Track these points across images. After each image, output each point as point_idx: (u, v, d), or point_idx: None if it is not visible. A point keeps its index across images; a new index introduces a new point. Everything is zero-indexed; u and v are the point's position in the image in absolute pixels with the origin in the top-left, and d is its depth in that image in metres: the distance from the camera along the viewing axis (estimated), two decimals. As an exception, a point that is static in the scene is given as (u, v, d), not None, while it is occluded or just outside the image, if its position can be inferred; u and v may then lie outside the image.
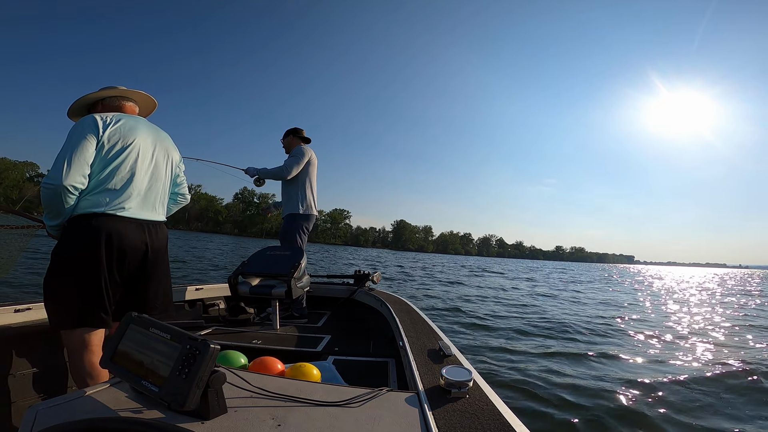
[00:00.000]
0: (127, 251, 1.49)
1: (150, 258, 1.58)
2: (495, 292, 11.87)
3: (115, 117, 1.57)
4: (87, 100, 1.73)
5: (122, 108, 1.73)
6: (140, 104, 1.83)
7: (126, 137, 1.56)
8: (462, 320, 6.50)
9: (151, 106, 1.90)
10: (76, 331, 1.43)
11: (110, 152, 1.51)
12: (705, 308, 10.59)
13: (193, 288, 2.83)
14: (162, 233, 1.66)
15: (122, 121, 1.58)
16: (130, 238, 1.50)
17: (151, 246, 1.58)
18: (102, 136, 1.49)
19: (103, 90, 1.73)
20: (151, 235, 1.59)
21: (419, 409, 0.90)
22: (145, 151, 1.61)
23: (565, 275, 27.56)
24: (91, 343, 1.44)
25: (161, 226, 1.67)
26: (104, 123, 1.52)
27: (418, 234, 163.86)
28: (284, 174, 3.28)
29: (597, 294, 13.55)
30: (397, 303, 2.48)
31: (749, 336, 6.38)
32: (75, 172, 1.41)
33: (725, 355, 5.00)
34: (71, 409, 0.77)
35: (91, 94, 1.72)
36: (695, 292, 16.77)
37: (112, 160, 1.51)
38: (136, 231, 1.53)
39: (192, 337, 0.79)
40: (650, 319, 8.03)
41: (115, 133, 1.53)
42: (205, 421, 0.76)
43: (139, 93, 1.79)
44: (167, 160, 1.73)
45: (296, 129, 3.54)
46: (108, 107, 1.72)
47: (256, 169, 3.45)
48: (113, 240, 1.45)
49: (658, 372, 4.17)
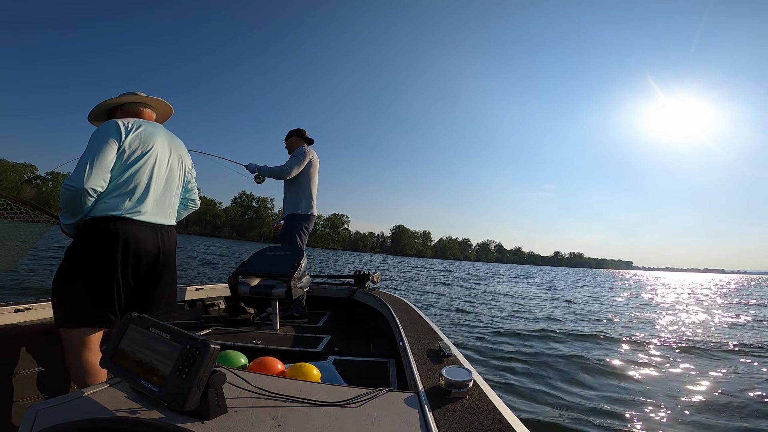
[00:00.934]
0: (142, 254, 1.53)
1: (161, 261, 1.62)
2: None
3: (136, 123, 1.62)
4: (107, 105, 1.78)
5: (141, 114, 1.78)
6: (157, 110, 1.88)
7: (146, 143, 1.60)
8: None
9: (168, 112, 1.95)
10: (76, 330, 1.44)
11: (130, 157, 1.55)
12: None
13: (193, 288, 2.83)
14: (173, 237, 1.71)
15: (143, 128, 1.62)
16: (145, 242, 1.54)
17: (164, 249, 1.62)
18: (123, 142, 1.54)
19: (123, 96, 1.78)
20: (164, 238, 1.63)
21: (419, 410, 0.90)
22: (162, 157, 1.66)
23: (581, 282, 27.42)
24: (91, 341, 1.46)
25: (172, 230, 1.71)
26: (126, 129, 1.56)
27: (416, 239, 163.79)
28: (284, 174, 3.29)
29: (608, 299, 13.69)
30: (397, 303, 2.49)
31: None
32: (96, 176, 1.45)
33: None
34: (71, 409, 0.77)
35: (112, 100, 1.77)
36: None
37: (131, 165, 1.55)
38: (151, 235, 1.57)
39: (192, 337, 0.79)
40: (656, 325, 8.05)
41: (135, 139, 1.57)
42: (205, 421, 0.76)
43: (157, 100, 1.84)
44: (181, 166, 1.78)
45: (299, 130, 3.55)
46: (127, 113, 1.76)
47: (257, 166, 3.45)
48: (130, 243, 1.49)
49: (659, 373, 4.17)
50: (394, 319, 2.00)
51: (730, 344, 5.86)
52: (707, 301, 15.73)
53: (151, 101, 1.82)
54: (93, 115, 1.81)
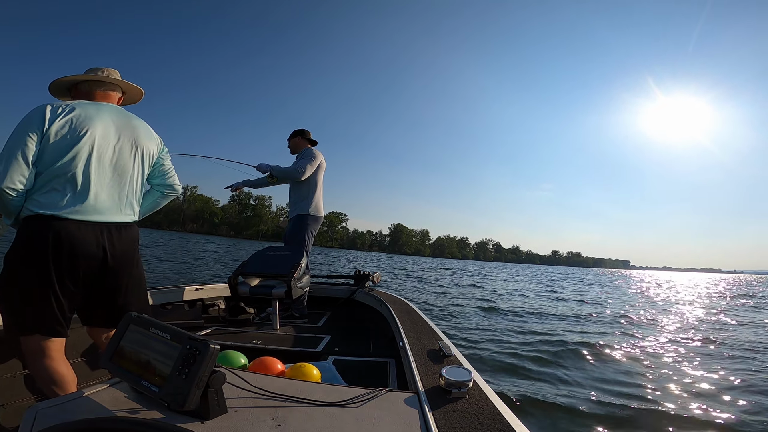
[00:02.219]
0: (79, 257, 1.35)
1: (110, 263, 1.43)
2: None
3: (69, 106, 1.42)
4: (63, 83, 1.61)
5: (92, 95, 1.57)
6: (125, 92, 1.69)
7: (78, 129, 1.39)
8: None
9: (137, 94, 1.75)
10: (30, 337, 1.33)
11: (58, 146, 1.35)
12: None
13: (192, 288, 2.82)
14: (127, 236, 1.50)
15: (76, 111, 1.42)
16: (82, 243, 1.35)
17: (111, 251, 1.42)
18: (49, 130, 1.34)
19: (84, 73, 1.60)
20: (112, 238, 1.43)
21: (419, 410, 0.90)
22: (103, 143, 1.44)
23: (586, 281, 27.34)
24: (49, 348, 1.34)
25: (127, 228, 1.51)
26: (53, 114, 1.37)
27: (415, 238, 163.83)
28: (298, 175, 3.25)
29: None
30: (397, 303, 2.49)
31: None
32: (12, 173, 1.29)
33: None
34: (71, 409, 0.77)
35: (67, 77, 1.59)
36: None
37: (60, 156, 1.35)
38: (92, 234, 1.38)
39: (192, 337, 0.79)
40: (655, 322, 8.08)
41: (65, 124, 1.37)
42: (205, 421, 0.76)
43: (123, 82, 1.64)
44: (135, 151, 1.54)
45: (303, 130, 3.53)
46: (80, 93, 1.58)
47: (268, 166, 3.41)
48: (63, 246, 1.31)
49: (660, 374, 4.18)
50: (394, 319, 2.01)
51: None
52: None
53: (110, 81, 1.60)
54: (52, 90, 1.63)
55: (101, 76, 1.59)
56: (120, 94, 1.67)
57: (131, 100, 1.77)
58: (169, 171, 1.75)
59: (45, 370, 1.32)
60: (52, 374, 1.32)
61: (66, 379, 1.33)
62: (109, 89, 1.62)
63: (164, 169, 1.72)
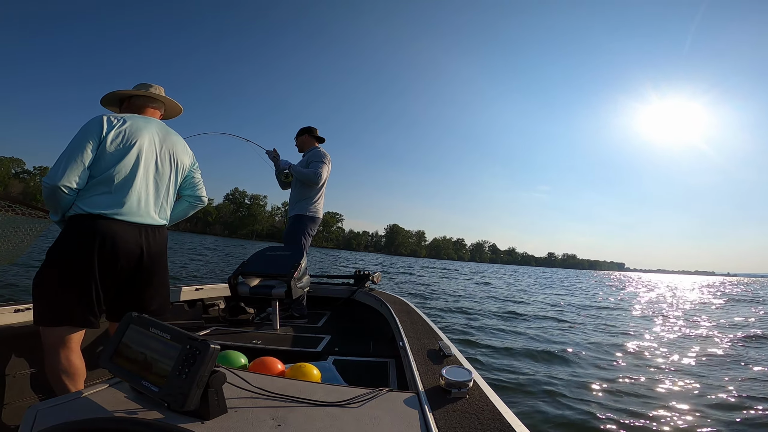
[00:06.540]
0: (121, 255, 1.48)
1: (146, 262, 1.56)
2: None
3: (123, 118, 1.58)
4: (117, 95, 1.79)
5: (143, 110, 1.75)
6: (166, 108, 1.86)
7: (129, 139, 1.55)
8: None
9: (177, 110, 1.92)
10: (55, 328, 1.41)
11: (112, 154, 1.51)
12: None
13: (192, 288, 2.80)
14: (161, 237, 1.64)
15: (129, 122, 1.58)
16: (125, 242, 1.48)
17: (148, 250, 1.56)
18: (105, 137, 1.50)
19: (135, 88, 1.77)
20: (148, 238, 1.57)
21: (419, 410, 0.90)
22: (149, 153, 1.61)
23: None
24: (71, 340, 1.42)
25: (160, 230, 1.65)
26: (110, 124, 1.53)
27: (411, 239, 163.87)
28: (317, 180, 3.23)
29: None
30: (397, 303, 2.49)
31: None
32: (70, 173, 1.43)
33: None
34: (71, 409, 0.77)
35: (122, 91, 1.77)
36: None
37: (112, 162, 1.50)
38: (133, 234, 1.51)
39: (192, 337, 0.79)
40: (656, 325, 8.12)
41: (119, 134, 1.53)
42: (205, 421, 0.76)
43: (165, 98, 1.82)
44: (173, 163, 1.71)
45: (310, 128, 3.50)
46: (132, 106, 1.76)
47: (288, 163, 3.38)
48: (107, 243, 1.44)
49: (660, 374, 4.21)
50: (394, 319, 2.01)
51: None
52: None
53: (158, 98, 1.79)
54: (104, 102, 1.80)
55: (152, 93, 1.78)
56: (162, 111, 1.85)
57: (171, 115, 1.94)
58: (199, 183, 1.90)
59: (63, 361, 1.40)
60: (68, 366, 1.40)
61: (79, 372, 1.41)
62: (156, 105, 1.80)
63: (194, 181, 1.87)
